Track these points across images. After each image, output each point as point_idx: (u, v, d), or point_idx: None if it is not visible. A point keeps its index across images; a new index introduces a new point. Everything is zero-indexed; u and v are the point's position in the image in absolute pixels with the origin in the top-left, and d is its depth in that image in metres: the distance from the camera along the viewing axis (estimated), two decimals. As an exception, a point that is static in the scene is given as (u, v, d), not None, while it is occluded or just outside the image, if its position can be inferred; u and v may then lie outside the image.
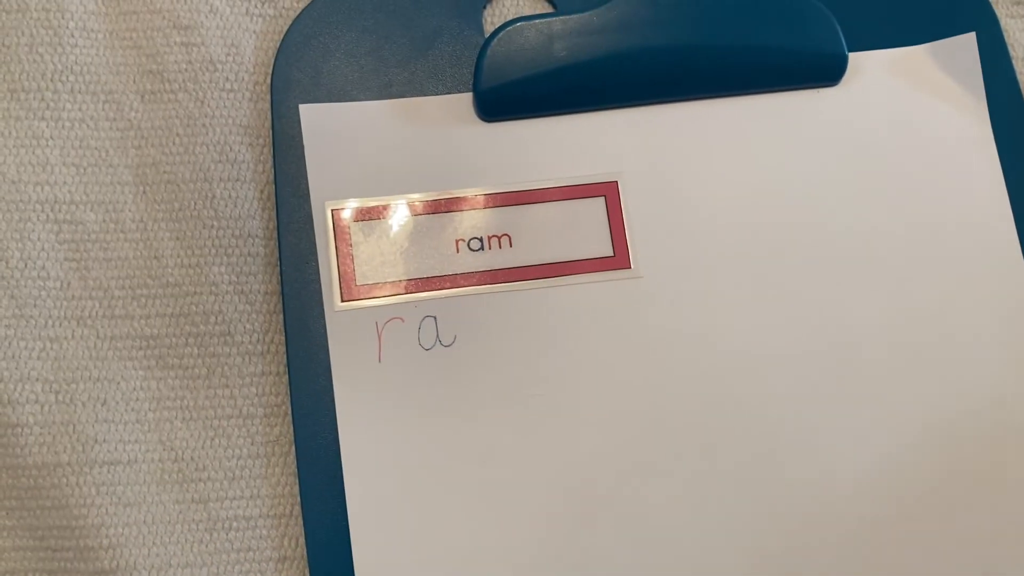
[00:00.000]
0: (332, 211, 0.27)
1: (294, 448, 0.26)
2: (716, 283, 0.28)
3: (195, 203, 0.28)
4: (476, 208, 0.28)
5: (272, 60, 0.29)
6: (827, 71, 0.29)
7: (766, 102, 0.29)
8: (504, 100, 0.28)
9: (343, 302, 0.27)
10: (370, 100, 0.28)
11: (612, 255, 0.28)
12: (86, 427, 0.26)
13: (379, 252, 0.27)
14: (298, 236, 0.27)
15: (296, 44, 0.28)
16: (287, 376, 0.27)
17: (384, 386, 0.26)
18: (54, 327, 0.27)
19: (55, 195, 0.28)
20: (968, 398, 0.27)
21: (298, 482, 0.26)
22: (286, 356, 0.26)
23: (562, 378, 0.27)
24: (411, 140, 0.28)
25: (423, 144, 0.28)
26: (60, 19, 0.28)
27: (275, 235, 0.28)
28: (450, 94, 0.29)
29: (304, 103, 0.28)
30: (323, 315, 0.27)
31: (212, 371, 0.27)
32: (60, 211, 0.27)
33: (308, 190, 0.27)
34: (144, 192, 0.28)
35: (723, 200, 0.28)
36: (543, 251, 0.27)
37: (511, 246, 0.27)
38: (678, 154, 0.28)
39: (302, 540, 0.26)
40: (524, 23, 0.28)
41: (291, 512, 0.26)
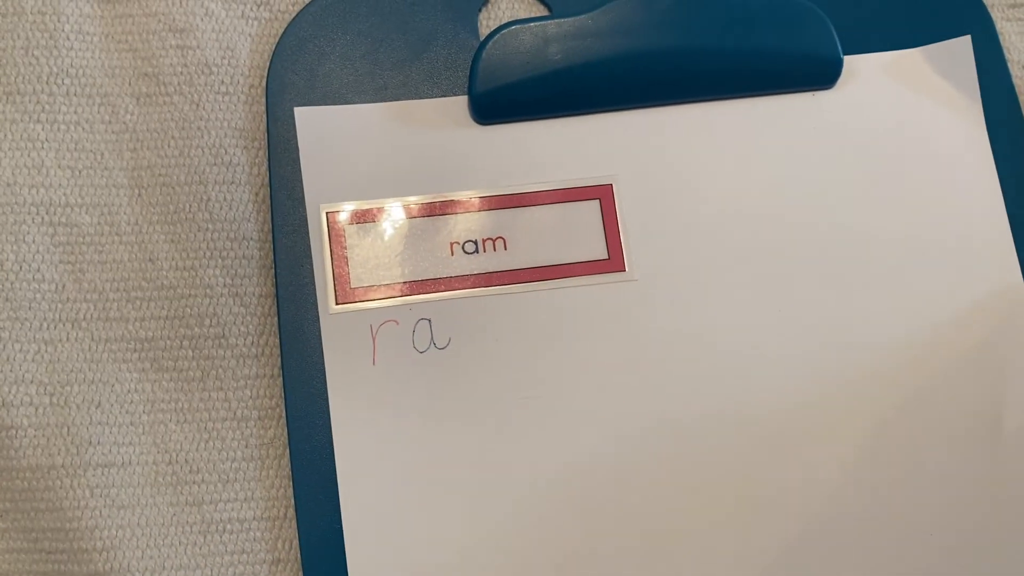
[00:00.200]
0: (327, 214, 0.27)
1: (288, 451, 0.26)
2: (711, 286, 0.27)
3: (190, 206, 0.28)
4: (471, 211, 0.28)
5: (267, 63, 0.29)
6: (822, 74, 0.29)
7: (761, 105, 0.29)
8: (499, 103, 0.28)
9: (337, 305, 0.27)
10: (365, 103, 0.28)
11: (607, 258, 0.28)
12: (80, 429, 0.26)
13: (374, 255, 0.27)
14: (293, 239, 0.27)
15: (291, 47, 0.28)
16: (281, 379, 0.27)
17: (378, 389, 0.26)
18: (49, 329, 0.27)
19: (50, 198, 0.28)
20: (964, 400, 0.27)
21: (292, 485, 0.26)
22: (280, 359, 0.26)
23: (557, 381, 0.27)
24: (406, 143, 0.28)
25: (418, 147, 0.28)
26: (56, 22, 0.29)
27: (270, 238, 0.28)
28: (445, 97, 0.29)
29: (299, 106, 0.28)
30: (317, 318, 0.27)
31: (206, 374, 0.27)
32: (55, 214, 0.27)
33: (303, 193, 0.27)
34: (139, 195, 0.28)
35: (718, 203, 0.28)
36: (538, 254, 0.27)
37: (506, 249, 0.27)
38: (673, 157, 0.28)
39: (296, 543, 0.26)
40: (519, 26, 0.28)
41: (285, 515, 0.26)
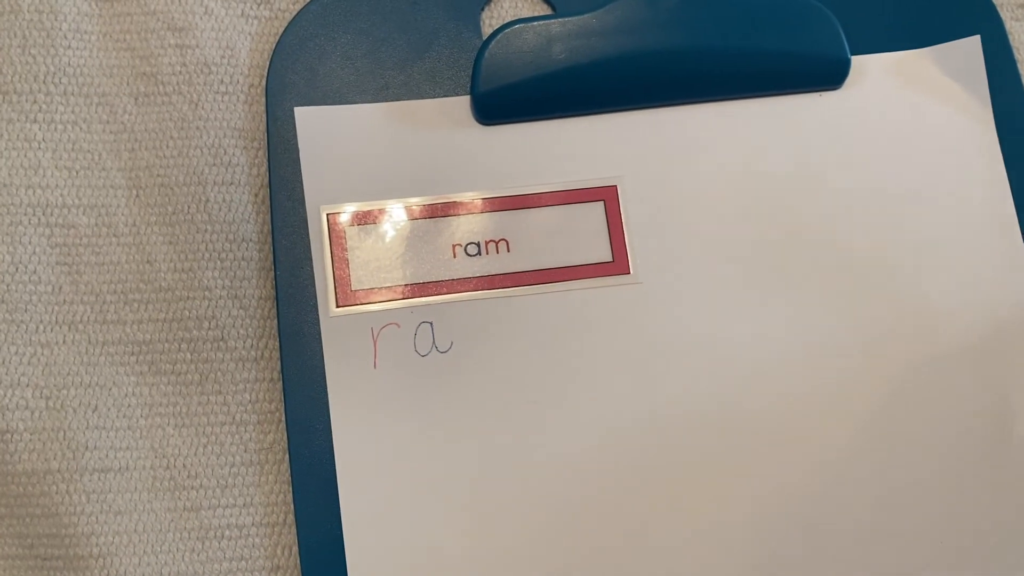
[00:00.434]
0: (327, 215, 0.27)
1: (288, 456, 0.26)
2: (716, 289, 0.27)
3: (189, 207, 0.27)
4: (473, 213, 0.27)
5: (267, 62, 0.28)
6: (829, 74, 0.29)
7: (767, 105, 0.29)
8: (502, 103, 0.28)
9: (338, 307, 0.26)
10: (366, 103, 0.28)
11: (611, 260, 0.27)
12: (77, 434, 0.26)
13: (375, 257, 0.27)
14: (293, 240, 0.27)
15: (292, 46, 0.28)
16: (281, 382, 0.26)
17: (379, 393, 0.26)
18: (45, 332, 0.26)
19: (47, 198, 0.27)
20: (970, 404, 0.27)
21: (292, 490, 0.25)
22: (280, 362, 0.26)
23: (560, 385, 0.26)
24: (408, 143, 0.28)
25: (420, 147, 0.28)
26: (53, 20, 0.28)
27: (269, 239, 0.27)
28: (447, 97, 0.28)
29: (300, 106, 0.28)
30: (318, 321, 0.26)
31: (205, 377, 0.27)
32: (52, 215, 0.27)
33: (303, 194, 0.27)
34: (137, 195, 0.27)
35: (724, 205, 0.28)
36: (541, 256, 0.27)
37: (509, 251, 0.27)
38: (679, 158, 0.28)
39: (295, 549, 0.26)
40: (522, 25, 0.28)
41: (284, 521, 0.26)
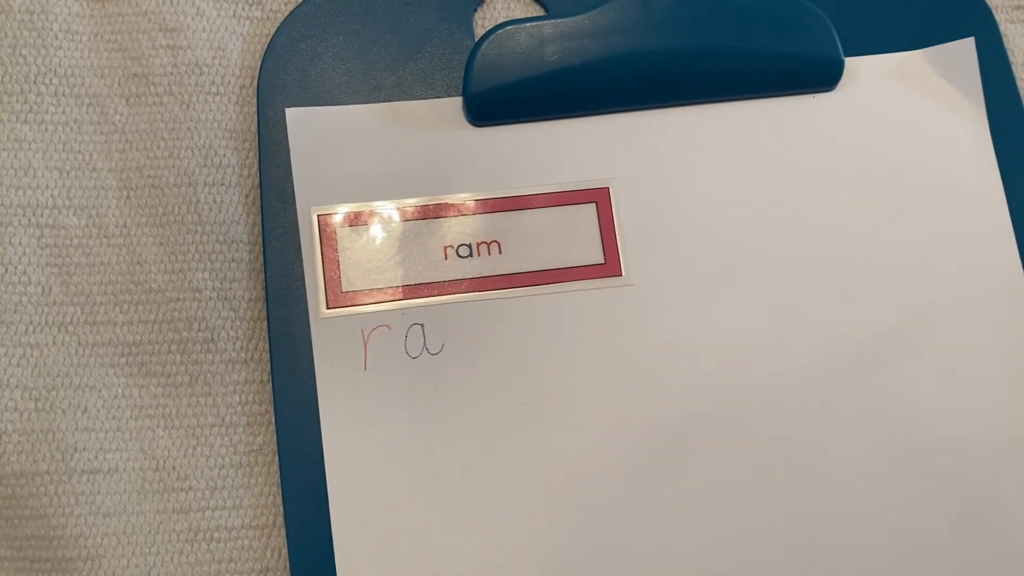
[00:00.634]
0: (318, 216, 0.27)
1: (277, 458, 0.26)
2: (709, 291, 0.27)
3: (179, 208, 0.27)
4: (465, 214, 0.27)
5: (259, 63, 0.28)
6: (823, 76, 0.29)
7: (761, 107, 0.28)
8: (494, 104, 0.28)
9: (328, 309, 0.26)
10: (358, 104, 0.28)
11: (603, 262, 0.27)
12: (66, 435, 0.26)
13: (366, 258, 0.27)
14: (283, 242, 0.27)
15: (283, 47, 0.28)
16: (271, 384, 0.26)
17: (370, 395, 0.26)
18: (34, 333, 0.26)
19: (37, 199, 0.27)
20: (967, 408, 0.27)
21: (281, 492, 0.25)
22: (270, 364, 0.26)
23: (552, 388, 0.26)
24: (399, 145, 0.28)
25: (411, 149, 0.28)
26: (44, 21, 0.28)
27: (260, 241, 0.27)
28: (439, 98, 0.28)
29: (291, 107, 0.28)
30: (308, 322, 0.26)
31: (195, 379, 0.26)
32: (42, 215, 0.27)
33: (294, 195, 0.27)
34: (128, 197, 0.27)
35: (717, 207, 0.28)
36: (533, 258, 0.27)
37: (500, 253, 0.27)
38: (671, 160, 0.28)
39: (285, 551, 0.25)
40: (515, 26, 0.28)
41: (274, 523, 0.26)
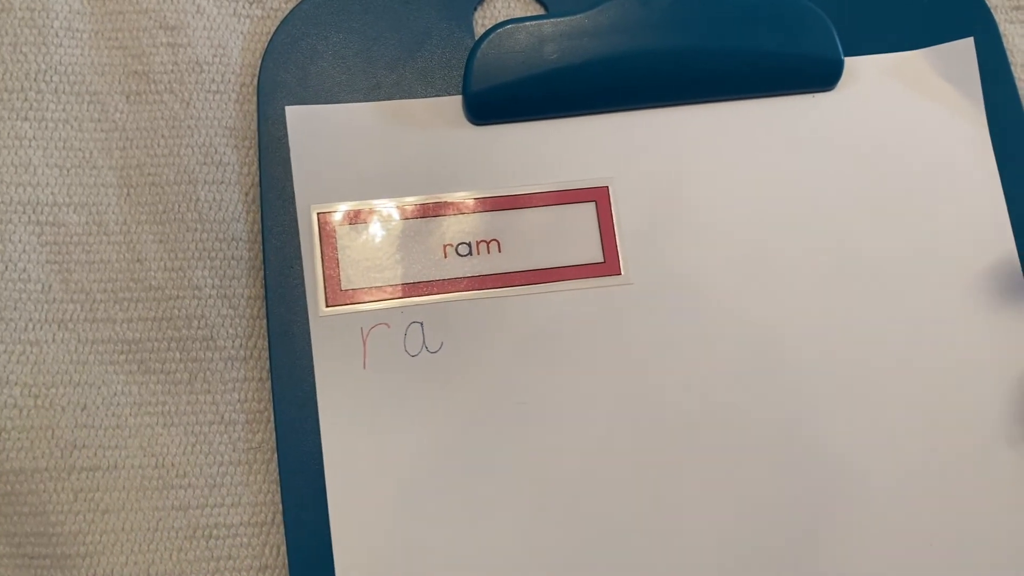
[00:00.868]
0: (318, 214, 0.27)
1: (276, 455, 0.26)
2: (708, 290, 0.27)
3: (179, 206, 0.27)
4: (464, 213, 0.27)
5: (259, 61, 0.28)
6: (822, 76, 0.29)
7: (760, 107, 0.29)
8: (494, 103, 0.28)
9: (328, 307, 0.26)
10: (358, 102, 0.28)
11: (602, 261, 0.27)
12: (66, 432, 0.26)
13: (365, 257, 0.27)
14: (283, 240, 0.27)
15: (283, 45, 0.28)
16: (270, 382, 0.26)
17: (369, 393, 0.26)
18: (34, 330, 0.26)
19: (37, 196, 0.27)
20: (967, 402, 0.27)
21: (280, 490, 0.25)
22: (269, 362, 0.26)
23: (551, 386, 0.26)
24: (399, 143, 0.28)
25: (411, 147, 0.28)
26: (44, 18, 0.28)
27: (260, 239, 0.27)
28: (439, 96, 0.28)
29: (291, 105, 0.28)
30: (307, 320, 0.26)
31: (194, 376, 0.26)
32: (42, 213, 0.27)
33: (294, 193, 0.27)
34: (128, 194, 0.27)
35: (716, 206, 0.28)
36: (532, 257, 0.27)
37: (500, 251, 0.27)
38: (670, 159, 0.28)
39: (283, 549, 0.26)
40: (515, 25, 0.28)
41: (273, 520, 0.26)
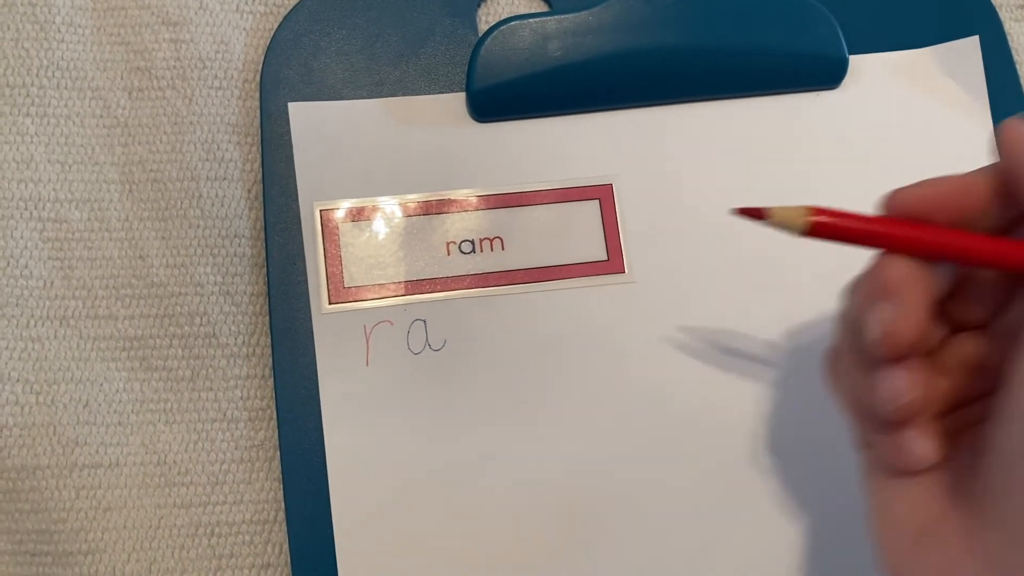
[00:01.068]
0: (320, 211, 0.27)
1: (279, 453, 0.26)
2: (711, 288, 0.27)
3: (181, 202, 0.27)
4: (468, 210, 0.27)
5: (262, 58, 0.28)
6: (827, 74, 0.29)
7: (765, 104, 0.28)
8: (497, 100, 0.28)
9: (331, 304, 0.26)
10: (361, 99, 0.28)
11: (606, 259, 0.27)
12: (67, 429, 0.26)
13: (368, 254, 0.27)
14: (286, 237, 0.27)
15: (286, 41, 0.28)
16: (272, 379, 0.26)
17: (371, 391, 0.26)
18: (36, 327, 0.26)
19: (39, 192, 0.27)
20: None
21: (282, 488, 0.25)
22: (272, 359, 0.26)
23: (554, 383, 0.26)
24: (402, 140, 0.27)
25: (414, 144, 0.27)
26: (47, 14, 0.28)
27: (262, 235, 0.27)
28: (443, 93, 0.28)
29: (294, 101, 0.27)
30: (310, 317, 0.26)
31: (196, 373, 0.26)
32: (44, 209, 0.27)
33: (296, 190, 0.27)
34: (130, 190, 0.27)
35: (720, 204, 0.27)
36: (535, 254, 0.27)
37: (503, 249, 0.27)
38: (674, 157, 0.28)
39: (286, 547, 0.25)
40: (518, 22, 0.28)
41: (275, 518, 0.26)
